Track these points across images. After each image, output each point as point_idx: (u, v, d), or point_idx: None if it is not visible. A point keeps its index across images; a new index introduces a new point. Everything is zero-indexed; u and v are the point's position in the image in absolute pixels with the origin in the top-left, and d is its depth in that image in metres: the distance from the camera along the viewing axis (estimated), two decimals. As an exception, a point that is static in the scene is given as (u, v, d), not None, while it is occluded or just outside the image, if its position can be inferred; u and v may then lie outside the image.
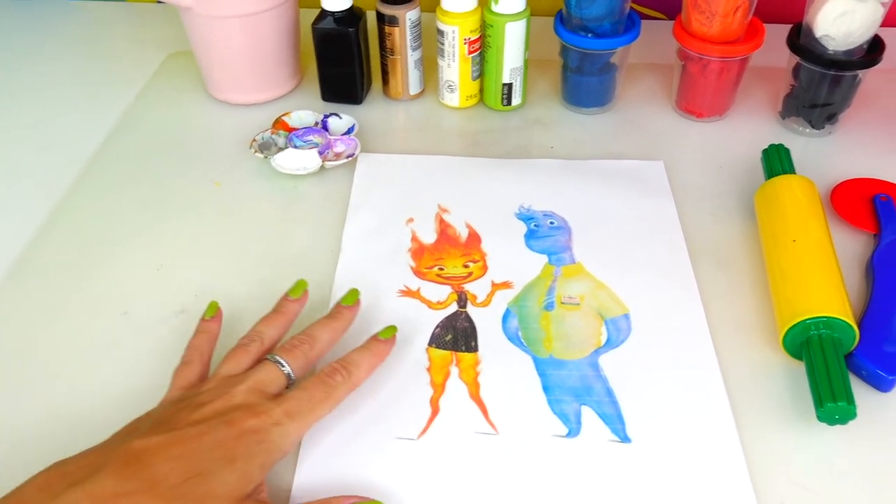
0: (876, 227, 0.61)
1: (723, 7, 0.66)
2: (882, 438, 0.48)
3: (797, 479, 0.46)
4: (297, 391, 0.46)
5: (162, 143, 0.72)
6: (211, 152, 0.71)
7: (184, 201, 0.66)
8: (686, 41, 0.70)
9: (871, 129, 0.72)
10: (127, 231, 0.63)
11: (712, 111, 0.73)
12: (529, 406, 0.50)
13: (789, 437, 0.48)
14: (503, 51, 0.70)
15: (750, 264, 0.59)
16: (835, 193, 0.64)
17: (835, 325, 0.50)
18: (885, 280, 0.55)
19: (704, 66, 0.70)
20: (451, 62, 0.72)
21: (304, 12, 0.77)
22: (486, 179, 0.67)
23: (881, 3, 0.63)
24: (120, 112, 0.76)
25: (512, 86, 0.73)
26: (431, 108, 0.76)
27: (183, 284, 0.59)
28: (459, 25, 0.69)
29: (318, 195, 0.66)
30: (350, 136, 0.70)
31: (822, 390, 0.47)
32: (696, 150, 0.71)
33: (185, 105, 0.77)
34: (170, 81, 0.81)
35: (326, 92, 0.76)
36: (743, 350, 0.53)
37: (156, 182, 0.68)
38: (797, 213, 0.58)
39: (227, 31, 0.71)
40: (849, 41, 0.65)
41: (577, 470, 0.47)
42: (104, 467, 0.40)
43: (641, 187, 0.66)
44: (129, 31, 0.90)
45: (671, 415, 0.49)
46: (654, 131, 0.73)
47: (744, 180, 0.67)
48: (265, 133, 0.70)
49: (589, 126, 0.74)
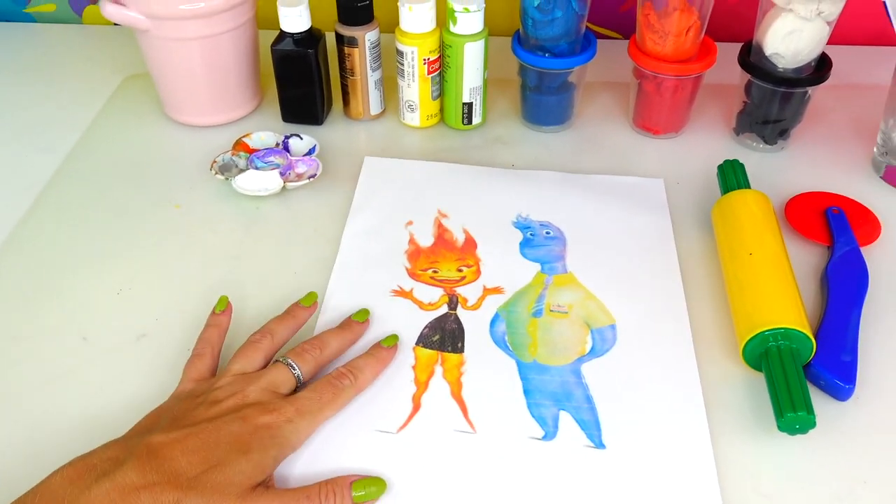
0: (829, 239, 0.62)
1: (675, 27, 0.68)
2: (841, 446, 0.49)
3: (760, 489, 0.47)
4: (307, 391, 0.49)
5: (120, 167, 0.71)
6: (170, 175, 0.70)
7: (143, 224, 0.65)
8: (641, 60, 0.71)
9: (822, 144, 0.74)
10: (86, 255, 0.62)
11: (668, 128, 0.75)
12: (509, 407, 0.51)
13: (751, 447, 0.49)
14: (462, 71, 0.71)
15: (709, 277, 0.60)
16: (789, 207, 0.66)
17: (792, 336, 0.51)
18: (840, 291, 0.57)
19: (659, 85, 0.72)
20: (411, 82, 0.72)
21: (264, 34, 0.76)
22: (487, 188, 0.69)
23: (826, 23, 0.65)
24: (77, 135, 0.75)
25: (472, 105, 0.74)
26: (392, 128, 0.77)
27: (144, 308, 0.58)
28: (418, 46, 0.70)
29: (281, 216, 0.66)
30: (311, 157, 0.70)
31: (781, 400, 0.48)
32: (654, 167, 0.72)
33: (144, 128, 0.77)
34: (128, 104, 0.80)
35: (287, 113, 0.76)
36: (704, 362, 0.54)
37: (115, 205, 0.67)
38: (753, 227, 0.59)
39: (185, 54, 0.71)
40: (797, 59, 0.67)
41: (550, 472, 0.48)
42: (127, 461, 0.42)
43: (639, 203, 0.67)
44: (85, 53, 0.89)
45: (648, 424, 0.50)
46: (613, 148, 0.74)
47: (701, 195, 0.68)
48: (225, 155, 0.70)
49: (549, 144, 0.75)
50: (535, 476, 0.48)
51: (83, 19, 0.95)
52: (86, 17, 0.95)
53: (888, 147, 0.69)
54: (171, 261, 0.62)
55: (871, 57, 0.86)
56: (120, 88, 0.82)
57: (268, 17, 0.76)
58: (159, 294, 0.59)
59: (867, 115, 0.76)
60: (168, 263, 0.62)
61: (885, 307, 0.58)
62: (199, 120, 0.76)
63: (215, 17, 0.69)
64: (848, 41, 0.89)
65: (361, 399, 0.51)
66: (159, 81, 0.75)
